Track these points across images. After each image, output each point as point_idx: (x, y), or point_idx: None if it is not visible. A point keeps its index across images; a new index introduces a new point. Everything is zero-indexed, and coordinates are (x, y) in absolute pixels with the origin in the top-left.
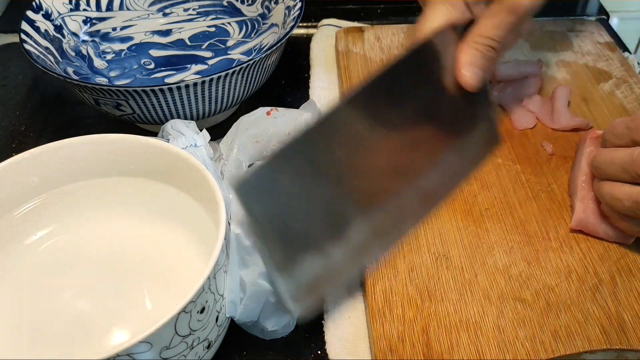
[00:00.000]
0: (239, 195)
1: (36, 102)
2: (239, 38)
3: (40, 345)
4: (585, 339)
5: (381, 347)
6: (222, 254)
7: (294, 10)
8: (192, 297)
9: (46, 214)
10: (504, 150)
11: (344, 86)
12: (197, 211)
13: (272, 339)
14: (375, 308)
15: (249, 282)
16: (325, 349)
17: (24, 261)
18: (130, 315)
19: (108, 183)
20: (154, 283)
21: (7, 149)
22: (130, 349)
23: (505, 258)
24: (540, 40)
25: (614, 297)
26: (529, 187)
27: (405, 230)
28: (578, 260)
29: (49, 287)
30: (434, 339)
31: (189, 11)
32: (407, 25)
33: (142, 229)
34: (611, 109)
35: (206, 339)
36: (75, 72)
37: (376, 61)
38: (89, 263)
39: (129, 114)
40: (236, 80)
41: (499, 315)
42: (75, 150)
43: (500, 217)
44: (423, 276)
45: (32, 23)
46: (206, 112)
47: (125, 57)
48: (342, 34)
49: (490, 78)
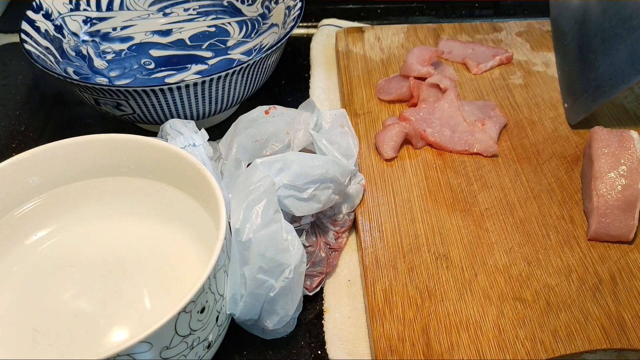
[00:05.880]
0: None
1: (36, 102)
2: (239, 38)
3: (40, 345)
4: (586, 338)
5: (381, 347)
6: (222, 254)
7: (294, 10)
8: (192, 297)
9: (46, 214)
10: (504, 150)
11: (344, 86)
12: (197, 211)
13: (272, 338)
14: (375, 308)
15: (249, 277)
16: (325, 349)
17: (24, 261)
18: (130, 315)
19: (108, 183)
20: (154, 283)
21: (7, 149)
22: (131, 349)
23: (505, 258)
24: (540, 40)
25: (614, 296)
26: (529, 187)
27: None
28: (578, 260)
29: (49, 287)
30: (434, 338)
31: (189, 11)
32: (407, 25)
33: (142, 229)
34: (611, 109)
35: (206, 338)
36: (76, 72)
37: (376, 61)
38: (89, 263)
39: (129, 114)
40: (236, 80)
41: (499, 315)
42: (75, 150)
43: (500, 217)
44: (423, 276)
45: (33, 23)
46: (206, 112)
47: (125, 57)
48: (342, 34)
49: None
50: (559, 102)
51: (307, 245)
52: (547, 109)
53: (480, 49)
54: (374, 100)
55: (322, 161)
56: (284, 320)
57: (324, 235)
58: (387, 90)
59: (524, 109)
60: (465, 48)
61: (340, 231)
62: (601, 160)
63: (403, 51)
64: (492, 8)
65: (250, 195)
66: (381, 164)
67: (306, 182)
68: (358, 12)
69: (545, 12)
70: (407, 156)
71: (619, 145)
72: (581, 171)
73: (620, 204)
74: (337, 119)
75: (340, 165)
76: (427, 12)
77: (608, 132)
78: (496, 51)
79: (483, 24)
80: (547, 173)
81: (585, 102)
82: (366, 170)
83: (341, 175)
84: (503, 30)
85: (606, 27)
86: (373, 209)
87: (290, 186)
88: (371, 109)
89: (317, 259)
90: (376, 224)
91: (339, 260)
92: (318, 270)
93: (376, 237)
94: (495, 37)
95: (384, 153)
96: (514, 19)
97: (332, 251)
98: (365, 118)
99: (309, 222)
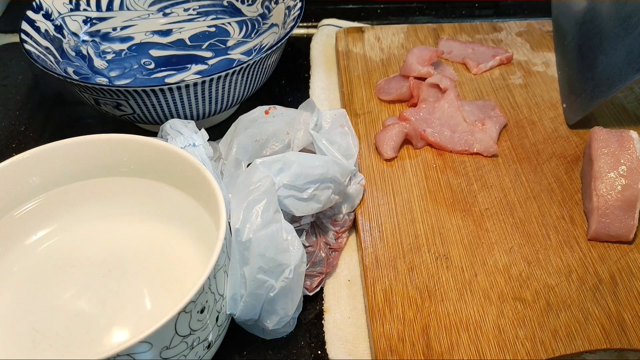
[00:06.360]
0: None
1: (36, 102)
2: (239, 38)
3: (40, 345)
4: (586, 338)
5: (381, 347)
6: (222, 254)
7: (294, 10)
8: (192, 297)
9: (46, 214)
10: (504, 150)
11: (343, 86)
12: (197, 211)
13: (272, 338)
14: (375, 308)
15: (249, 277)
16: (325, 349)
17: (24, 261)
18: (130, 315)
19: (108, 183)
20: (154, 283)
21: (7, 149)
22: (131, 349)
23: (505, 258)
24: (540, 40)
25: (614, 296)
26: (529, 187)
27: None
28: (578, 260)
29: (49, 287)
30: (434, 338)
31: (189, 11)
32: (407, 25)
33: (142, 229)
34: (611, 109)
35: (206, 339)
36: (76, 72)
37: (376, 61)
38: (89, 263)
39: (129, 114)
40: (236, 80)
41: (499, 315)
42: (75, 150)
43: (500, 217)
44: (423, 276)
45: (33, 23)
46: (206, 112)
47: (125, 57)
48: (342, 34)
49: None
50: (559, 102)
51: (307, 245)
52: (547, 109)
53: (480, 49)
54: (374, 100)
55: (322, 161)
56: (284, 321)
57: (324, 235)
58: (387, 90)
59: (524, 109)
60: (465, 48)
61: (340, 231)
62: (601, 160)
63: (403, 51)
64: (492, 8)
65: (251, 195)
66: (381, 164)
67: (306, 182)
68: (358, 12)
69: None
70: (407, 156)
71: (619, 145)
72: (581, 171)
73: (620, 204)
74: (337, 119)
75: (340, 165)
76: (427, 12)
77: (608, 132)
78: (496, 51)
79: (483, 24)
80: (547, 173)
81: (584, 102)
82: (366, 170)
83: (341, 175)
84: (503, 30)
85: (605, 26)
86: (373, 209)
87: (290, 186)
88: (371, 109)
89: (317, 259)
90: (376, 224)
91: (339, 260)
92: (318, 270)
93: (376, 237)
94: (495, 37)
95: (384, 153)
96: (514, 19)
97: (332, 251)
98: (365, 118)
99: (309, 222)
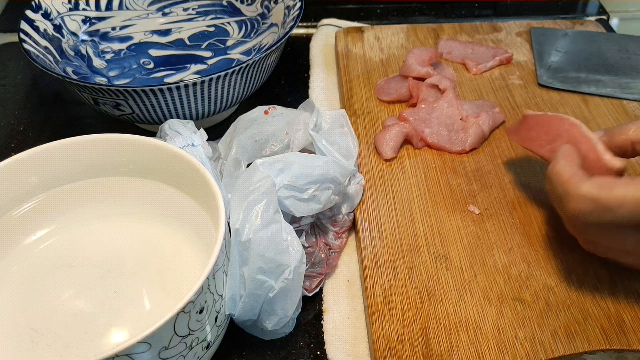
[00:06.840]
0: None
1: (35, 101)
2: (238, 38)
3: (39, 345)
4: (585, 339)
5: (380, 347)
6: (222, 254)
7: (293, 10)
8: (191, 297)
9: (45, 214)
10: (503, 150)
11: (343, 86)
12: (196, 211)
13: (271, 339)
14: (374, 308)
15: (248, 278)
16: (325, 350)
17: (22, 261)
18: (129, 315)
19: (107, 183)
20: (153, 283)
21: (6, 149)
22: (129, 349)
23: (505, 258)
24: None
25: (614, 297)
26: (528, 187)
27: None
28: (578, 260)
29: (47, 287)
30: (434, 339)
31: (189, 11)
32: (407, 25)
33: (141, 229)
34: (611, 109)
35: (205, 339)
36: (75, 72)
37: (376, 61)
38: (88, 263)
39: (128, 114)
40: (236, 80)
41: (499, 316)
42: (75, 150)
43: (500, 217)
44: (422, 276)
45: (32, 22)
46: (205, 112)
47: (124, 57)
48: (341, 34)
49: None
50: (559, 103)
51: (306, 246)
52: (547, 109)
53: (480, 49)
54: (374, 101)
55: (322, 161)
56: (283, 321)
57: (324, 235)
58: (386, 91)
59: (523, 109)
60: (464, 48)
61: (339, 231)
62: None
63: (403, 51)
64: (492, 8)
65: (250, 196)
66: (381, 164)
67: (306, 182)
68: (358, 12)
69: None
70: (406, 156)
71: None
72: None
73: None
74: (337, 119)
75: (340, 165)
76: (427, 12)
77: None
78: (496, 51)
79: (483, 24)
80: None
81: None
82: (366, 170)
83: (341, 175)
84: (503, 30)
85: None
86: (372, 210)
87: (291, 187)
88: (371, 109)
89: (317, 260)
90: (375, 224)
91: (339, 261)
92: (317, 271)
93: (375, 237)
94: (495, 37)
95: (384, 153)
96: (514, 19)
97: (332, 252)
98: (364, 118)
99: (308, 223)
